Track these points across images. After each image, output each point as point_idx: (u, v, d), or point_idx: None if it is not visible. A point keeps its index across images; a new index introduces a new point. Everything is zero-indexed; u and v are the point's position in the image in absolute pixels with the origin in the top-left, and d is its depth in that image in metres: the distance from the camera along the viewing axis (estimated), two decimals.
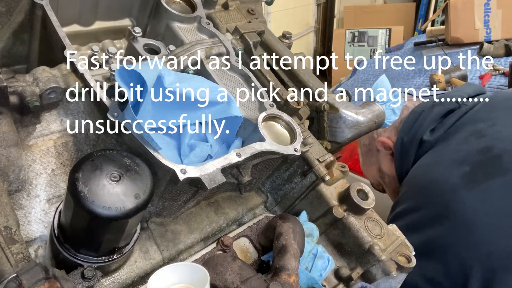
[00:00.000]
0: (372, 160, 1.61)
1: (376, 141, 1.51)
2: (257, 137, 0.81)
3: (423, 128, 1.33)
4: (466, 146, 1.18)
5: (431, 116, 1.33)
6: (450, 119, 1.31)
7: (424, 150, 1.31)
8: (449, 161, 1.17)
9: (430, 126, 1.32)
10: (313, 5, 5.30)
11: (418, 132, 1.34)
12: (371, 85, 1.65)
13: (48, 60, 0.82)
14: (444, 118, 1.32)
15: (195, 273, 0.65)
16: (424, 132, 1.32)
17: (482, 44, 2.75)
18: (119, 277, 0.75)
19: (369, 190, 0.91)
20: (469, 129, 1.23)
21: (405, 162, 1.37)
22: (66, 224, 0.65)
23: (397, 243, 0.89)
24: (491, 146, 1.13)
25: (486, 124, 1.21)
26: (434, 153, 1.26)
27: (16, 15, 0.82)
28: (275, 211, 0.99)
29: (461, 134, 1.24)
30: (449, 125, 1.29)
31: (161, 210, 0.82)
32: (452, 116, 1.31)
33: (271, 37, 1.16)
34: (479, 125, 1.22)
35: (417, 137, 1.33)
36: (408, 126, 1.39)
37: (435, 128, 1.32)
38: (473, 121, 1.26)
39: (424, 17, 4.80)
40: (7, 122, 0.69)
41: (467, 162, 1.13)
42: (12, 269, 0.55)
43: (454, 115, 1.31)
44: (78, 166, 0.60)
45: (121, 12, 1.04)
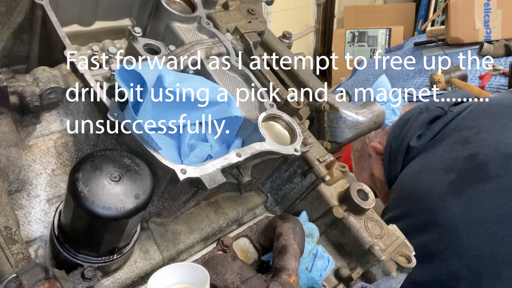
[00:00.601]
0: (364, 165, 1.63)
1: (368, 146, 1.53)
2: (257, 137, 0.81)
3: (410, 134, 1.35)
4: (453, 154, 1.20)
5: (418, 122, 1.35)
6: (436, 125, 1.32)
7: (411, 156, 1.33)
8: (436, 168, 1.19)
9: (416, 133, 1.34)
10: (313, 5, 5.30)
11: (405, 138, 1.36)
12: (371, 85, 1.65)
13: (48, 60, 0.82)
14: (431, 125, 1.34)
15: (195, 273, 0.65)
16: (411, 138, 1.34)
17: (482, 44, 2.75)
18: (119, 277, 0.75)
19: (369, 190, 0.91)
20: (455, 136, 1.25)
21: (394, 168, 1.39)
22: (66, 224, 0.65)
23: (397, 243, 0.89)
24: (476, 153, 1.14)
25: (472, 131, 1.23)
26: (421, 160, 1.28)
27: (16, 15, 0.82)
28: (275, 211, 0.99)
29: (447, 141, 1.26)
30: (436, 132, 1.31)
31: (161, 210, 0.82)
32: (438, 123, 1.33)
33: (271, 37, 1.16)
34: (464, 132, 1.24)
35: (404, 143, 1.35)
36: (396, 133, 1.41)
37: (422, 134, 1.34)
38: (459, 128, 1.27)
39: (424, 17, 4.80)
40: (7, 122, 0.69)
41: (453, 169, 1.14)
42: (12, 269, 0.55)
43: (440, 122, 1.33)
44: (78, 166, 0.60)
45: (121, 12, 1.04)
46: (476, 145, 1.16)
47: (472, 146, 1.17)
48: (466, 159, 1.14)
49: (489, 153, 1.12)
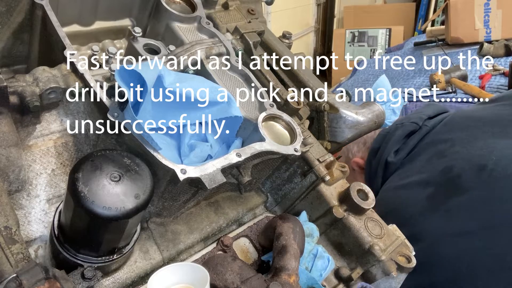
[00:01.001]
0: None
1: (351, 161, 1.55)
2: (257, 137, 0.81)
3: (387, 150, 1.38)
4: (430, 167, 1.22)
5: (394, 138, 1.37)
6: (412, 140, 1.35)
7: (390, 171, 1.36)
8: (414, 183, 1.21)
9: (393, 148, 1.36)
10: (313, 5, 5.30)
11: (383, 154, 1.39)
12: (371, 85, 1.65)
13: (48, 60, 0.82)
14: (407, 139, 1.37)
15: (195, 273, 0.65)
16: (389, 154, 1.37)
17: (482, 44, 2.75)
18: (119, 277, 0.75)
19: (369, 190, 0.91)
20: (431, 150, 1.27)
21: (375, 183, 1.42)
22: (66, 224, 0.65)
23: (397, 243, 0.89)
24: (451, 166, 1.16)
25: (446, 144, 1.25)
26: (400, 175, 1.30)
27: (16, 15, 0.82)
28: (275, 211, 0.99)
29: (424, 155, 1.28)
30: (412, 146, 1.34)
31: (161, 210, 0.82)
32: (413, 138, 1.35)
33: (271, 37, 1.16)
34: (439, 145, 1.26)
35: (383, 159, 1.38)
36: (374, 148, 1.44)
37: (399, 149, 1.36)
38: (434, 142, 1.30)
39: (424, 17, 4.80)
40: (7, 122, 0.69)
41: (431, 183, 1.17)
42: (12, 269, 0.55)
43: (415, 137, 1.35)
44: (78, 166, 0.60)
45: (121, 12, 1.04)
46: (450, 158, 1.19)
47: (447, 159, 1.19)
48: (442, 172, 1.17)
49: (463, 166, 1.14)
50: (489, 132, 1.22)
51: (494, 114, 1.32)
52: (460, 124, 1.32)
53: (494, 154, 1.11)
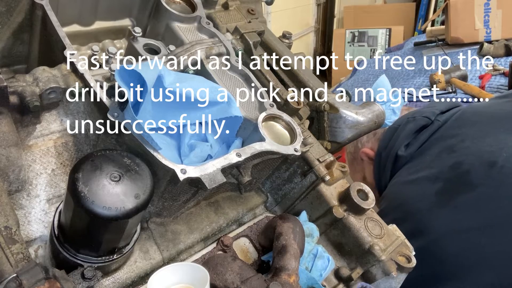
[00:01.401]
0: (357, 168, 1.65)
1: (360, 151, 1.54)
2: (257, 137, 0.81)
3: (398, 143, 1.37)
4: (439, 162, 1.22)
5: (405, 132, 1.37)
6: (423, 135, 1.34)
7: (399, 165, 1.35)
8: (424, 178, 1.21)
9: (404, 142, 1.36)
10: (313, 5, 5.30)
11: (393, 147, 1.38)
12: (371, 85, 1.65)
13: (48, 60, 0.82)
14: (418, 134, 1.36)
15: (195, 273, 0.65)
16: (399, 147, 1.37)
17: (482, 44, 2.75)
18: (119, 277, 0.75)
19: (369, 190, 0.91)
20: (441, 144, 1.27)
21: (383, 176, 1.41)
22: (66, 224, 0.65)
23: (397, 243, 0.89)
24: (461, 161, 1.16)
25: (456, 139, 1.25)
26: (409, 169, 1.30)
27: (16, 15, 0.82)
28: (275, 211, 0.99)
29: (434, 150, 1.27)
30: (423, 141, 1.33)
31: (161, 210, 0.82)
32: (425, 132, 1.35)
33: (271, 37, 1.16)
34: (450, 141, 1.26)
35: (393, 152, 1.37)
36: (385, 141, 1.43)
37: (409, 143, 1.36)
38: (444, 137, 1.29)
39: (424, 17, 4.80)
40: (7, 122, 0.69)
41: (440, 178, 1.16)
42: (12, 269, 0.55)
43: (427, 131, 1.35)
44: (78, 166, 0.60)
45: (121, 12, 1.04)
46: (460, 154, 1.18)
47: (457, 155, 1.19)
48: (451, 168, 1.16)
49: (472, 162, 1.14)
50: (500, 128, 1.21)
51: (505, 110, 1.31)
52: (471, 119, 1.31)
53: (504, 150, 1.11)
